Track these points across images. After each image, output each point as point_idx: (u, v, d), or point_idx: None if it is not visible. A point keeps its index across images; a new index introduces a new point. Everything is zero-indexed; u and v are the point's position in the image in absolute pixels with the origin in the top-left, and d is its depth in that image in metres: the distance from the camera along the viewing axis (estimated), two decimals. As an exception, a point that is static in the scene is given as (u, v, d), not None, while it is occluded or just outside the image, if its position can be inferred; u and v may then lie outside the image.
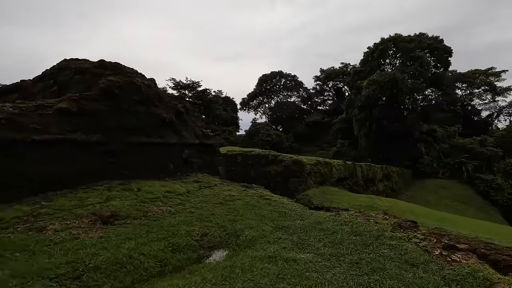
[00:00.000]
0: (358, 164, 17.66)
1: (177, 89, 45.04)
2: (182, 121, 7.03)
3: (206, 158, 7.46)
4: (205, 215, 4.49)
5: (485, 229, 9.84)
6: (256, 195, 5.89)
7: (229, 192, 5.94)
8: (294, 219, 4.36)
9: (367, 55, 38.17)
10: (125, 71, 6.51)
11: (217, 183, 6.51)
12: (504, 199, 28.02)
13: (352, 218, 4.05)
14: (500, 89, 46.83)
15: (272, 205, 5.13)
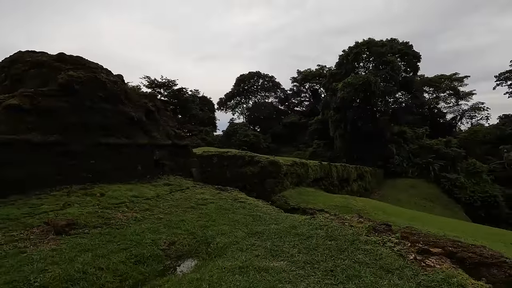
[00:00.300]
0: (334, 165, 17.96)
1: (152, 88, 43.62)
2: (152, 121, 6.63)
3: (179, 159, 7.10)
4: (175, 221, 4.19)
5: (452, 226, 10.31)
6: (230, 198, 5.66)
7: (202, 195, 5.66)
8: (269, 223, 4.20)
9: (342, 58, 39.18)
10: (88, 65, 6.00)
11: (189, 186, 6.20)
12: (466, 197, 29.90)
13: (327, 222, 3.96)
14: (463, 94, 50.15)
15: (247, 209, 4.93)
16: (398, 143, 36.72)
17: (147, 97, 6.80)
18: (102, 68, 6.34)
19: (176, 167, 6.90)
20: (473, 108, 50.34)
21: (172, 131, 7.04)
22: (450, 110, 52.32)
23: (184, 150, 7.27)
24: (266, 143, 46.78)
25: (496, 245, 7.73)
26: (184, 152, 7.30)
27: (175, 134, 7.10)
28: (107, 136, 5.77)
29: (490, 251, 6.18)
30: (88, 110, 5.63)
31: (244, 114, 63.80)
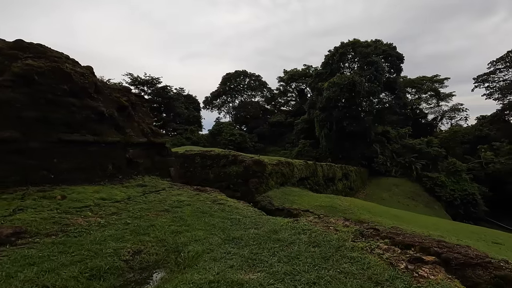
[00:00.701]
0: (319, 164, 17.84)
1: (135, 85, 42.41)
2: (126, 117, 6.12)
3: (156, 158, 6.62)
4: (144, 226, 3.76)
5: (435, 225, 10.31)
6: (209, 199, 5.27)
7: (178, 197, 5.24)
8: (248, 227, 3.85)
9: (327, 58, 39.39)
10: (51, 54, 5.42)
11: (166, 187, 5.76)
12: (447, 195, 30.73)
13: (310, 226, 3.65)
14: (443, 95, 51.73)
15: (226, 211, 4.56)
16: (382, 142, 37.34)
17: (120, 91, 6.27)
18: (67, 58, 5.76)
19: (153, 167, 6.42)
20: (453, 109, 52.06)
21: (148, 128, 6.55)
22: (431, 111, 53.96)
23: (161, 148, 6.79)
24: (252, 143, 46.46)
25: (479, 244, 7.72)
26: (162, 150, 6.81)
27: (151, 131, 6.62)
28: (71, 133, 5.22)
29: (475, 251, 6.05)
30: (50, 104, 5.06)
31: (231, 113, 63.24)
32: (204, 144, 42.56)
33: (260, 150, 46.04)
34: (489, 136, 43.46)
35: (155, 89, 42.93)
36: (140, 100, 6.70)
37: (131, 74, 40.58)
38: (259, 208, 10.23)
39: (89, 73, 5.78)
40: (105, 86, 5.89)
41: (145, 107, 6.77)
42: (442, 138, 39.07)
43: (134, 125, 6.28)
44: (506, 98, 43.16)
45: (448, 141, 38.49)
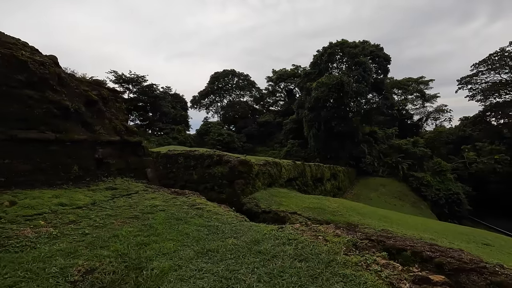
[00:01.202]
0: (308, 164, 17.54)
1: (119, 83, 41.17)
2: (95, 113, 5.51)
3: (130, 158, 6.03)
4: (104, 237, 3.23)
5: (424, 226, 10.11)
6: (186, 204, 4.76)
7: (152, 201, 4.70)
8: (227, 236, 3.38)
9: (316, 58, 39.35)
10: (4, 40, 4.76)
11: (140, 190, 5.20)
12: (432, 195, 31.15)
13: (297, 234, 3.21)
14: (429, 96, 52.77)
15: (204, 218, 4.07)
16: (369, 142, 37.59)
17: (90, 84, 5.65)
18: (25, 45, 5.09)
19: (127, 168, 5.83)
20: (438, 110, 53.16)
21: (121, 126, 5.94)
22: (416, 112, 54.96)
23: (136, 148, 6.20)
24: (240, 143, 45.94)
25: (470, 246, 7.51)
26: (137, 149, 6.22)
27: (125, 129, 6.01)
28: (28, 129, 4.59)
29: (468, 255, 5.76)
30: (2, 97, 4.42)
31: (219, 112, 62.50)
32: (191, 144, 41.73)
33: (248, 150, 45.58)
34: (471, 136, 44.60)
35: (140, 87, 41.77)
36: (114, 95, 6.10)
37: (115, 71, 39.31)
38: (245, 211, 9.76)
39: (52, 63, 5.12)
40: (72, 78, 5.27)
41: (119, 103, 6.17)
42: (427, 138, 39.71)
43: (105, 122, 5.67)
44: (488, 100, 44.36)
45: (433, 141, 39.17)
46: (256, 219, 9.46)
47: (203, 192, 10.57)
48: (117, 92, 6.26)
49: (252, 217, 9.59)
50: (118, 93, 6.29)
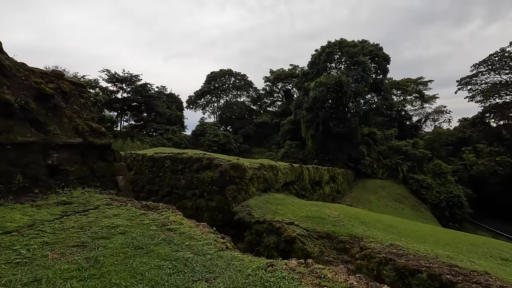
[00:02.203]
0: (306, 167, 16.63)
1: (113, 82, 40.10)
2: (50, 110, 4.53)
3: (96, 164, 5.06)
4: (18, 284, 2.28)
5: (433, 237, 9.22)
6: (156, 223, 3.82)
7: (113, 219, 3.75)
8: (196, 278, 2.46)
9: (314, 57, 38.56)
10: None
11: (102, 204, 4.26)
12: (433, 197, 30.42)
13: (292, 282, 2.28)
14: (427, 97, 52.14)
15: (173, 244, 3.14)
16: (368, 144, 36.83)
17: (46, 75, 4.66)
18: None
19: (90, 176, 4.86)
20: (437, 111, 52.54)
21: (86, 125, 4.96)
22: (415, 113, 54.32)
23: (104, 152, 5.23)
24: (237, 144, 44.98)
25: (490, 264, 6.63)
26: (105, 154, 5.25)
27: (90, 130, 5.03)
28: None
29: (497, 281, 4.84)
30: None
31: (215, 113, 61.54)
32: (186, 145, 40.72)
33: (245, 152, 44.66)
34: (471, 138, 44.02)
35: (134, 87, 40.70)
36: (78, 89, 5.13)
37: (108, 70, 38.22)
38: (237, 221, 8.83)
39: (-6, 48, 4.21)
40: (19, 67, 4.32)
41: (84, 99, 5.20)
42: (427, 139, 39.00)
43: (64, 121, 4.70)
44: (487, 101, 43.77)
45: (432, 143, 38.45)
46: (248, 230, 8.53)
47: (190, 199, 9.62)
48: (82, 86, 5.29)
49: (244, 227, 8.66)
50: (84, 87, 5.32)
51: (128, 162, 11.54)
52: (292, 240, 7.51)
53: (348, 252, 7.25)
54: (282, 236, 7.81)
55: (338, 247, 7.47)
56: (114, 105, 38.76)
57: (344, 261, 7.05)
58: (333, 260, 7.10)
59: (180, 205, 9.78)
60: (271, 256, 7.79)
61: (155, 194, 10.51)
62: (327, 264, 7.06)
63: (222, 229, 9.17)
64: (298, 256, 7.39)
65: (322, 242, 7.67)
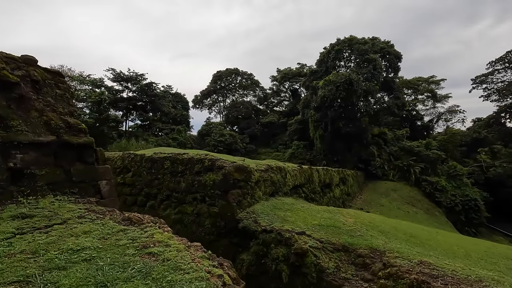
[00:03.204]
0: (315, 169, 15.68)
1: (118, 82, 39.76)
2: (14, 101, 3.75)
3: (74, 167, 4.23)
4: None
5: (463, 249, 8.20)
6: (135, 244, 2.97)
7: (81, 239, 2.93)
8: None
9: (323, 55, 37.47)
10: None
11: (72, 217, 3.45)
12: (448, 201, 29.03)
13: None
14: (440, 96, 50.42)
15: (150, 281, 2.31)
16: (378, 144, 35.55)
17: (12, 60, 3.87)
18: None
19: (66, 181, 4.07)
20: (450, 111, 50.78)
21: (60, 120, 4.16)
22: (426, 113, 52.63)
23: (83, 152, 4.41)
24: (243, 144, 44.15)
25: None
26: (85, 154, 4.43)
27: (66, 126, 4.21)
28: None
29: None
30: None
31: (221, 113, 60.85)
32: (192, 145, 40.11)
33: (251, 152, 43.82)
34: (486, 139, 42.23)
35: (139, 86, 40.28)
36: (54, 78, 4.33)
37: (113, 69, 37.88)
38: (241, 229, 7.96)
39: None
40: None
41: (61, 89, 4.40)
42: (440, 140, 37.49)
43: (32, 115, 3.90)
44: (504, 100, 41.96)
45: (446, 144, 36.93)
46: (254, 239, 7.65)
47: (191, 204, 8.80)
48: (59, 75, 4.51)
49: (249, 236, 7.79)
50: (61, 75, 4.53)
51: (126, 163, 10.81)
52: (304, 253, 6.59)
53: (368, 268, 6.30)
54: (292, 248, 6.91)
55: (357, 262, 6.53)
56: (119, 104, 38.38)
57: (364, 279, 6.10)
58: (352, 277, 6.17)
59: (179, 210, 8.99)
60: (280, 271, 6.91)
61: (153, 197, 9.73)
62: (345, 282, 6.14)
63: (225, 237, 8.32)
64: (311, 272, 6.49)
65: (338, 256, 6.74)
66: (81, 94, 33.46)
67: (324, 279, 6.24)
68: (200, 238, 8.30)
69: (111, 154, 11.91)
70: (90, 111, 33.45)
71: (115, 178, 10.89)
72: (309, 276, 6.41)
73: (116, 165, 11.10)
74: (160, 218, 3.84)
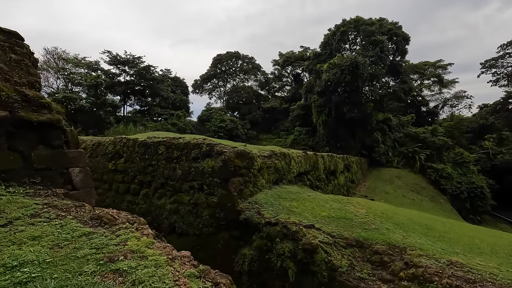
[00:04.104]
0: (320, 155, 14.87)
1: (115, 65, 38.42)
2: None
3: (35, 152, 3.41)
4: None
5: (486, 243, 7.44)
6: (98, 256, 2.17)
7: (26, 249, 2.17)
8: None
9: (327, 37, 35.88)
10: None
11: (25, 214, 2.67)
12: (453, 188, 28.39)
13: None
14: (446, 82, 48.91)
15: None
16: (383, 131, 34.58)
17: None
18: None
19: (24, 168, 3.23)
20: (456, 97, 49.41)
21: (15, 93, 3.27)
22: (432, 98, 51.27)
23: (47, 132, 3.53)
24: (244, 130, 43.22)
25: None
26: (49, 135, 3.55)
27: (24, 100, 3.30)
28: None
29: None
30: None
31: (222, 98, 59.52)
32: (192, 131, 39.20)
33: (252, 138, 42.98)
34: (493, 125, 41.13)
35: (137, 69, 38.94)
36: (9, 39, 3.43)
37: (109, 51, 36.47)
38: (243, 222, 7.22)
39: None
40: None
41: (18, 54, 3.51)
42: (446, 126, 36.44)
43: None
44: (513, 85, 40.55)
45: (452, 130, 35.90)
46: (257, 232, 6.91)
47: (188, 193, 8.02)
48: (16, 37, 3.59)
49: (252, 229, 7.05)
50: (20, 38, 3.61)
51: (118, 148, 9.99)
52: (314, 249, 5.83)
53: (387, 267, 5.55)
54: (300, 242, 6.16)
55: (373, 260, 5.77)
56: (116, 88, 37.22)
57: (383, 279, 5.35)
58: (368, 277, 5.42)
59: (175, 199, 8.24)
60: (286, 268, 6.20)
61: (147, 185, 8.97)
62: (360, 282, 5.42)
63: (225, 230, 7.59)
64: (321, 270, 5.77)
65: (352, 252, 5.99)
66: (77, 77, 32.29)
67: (336, 279, 5.51)
68: (198, 230, 7.59)
69: (102, 139, 11.08)
70: (86, 95, 32.39)
71: (107, 165, 10.12)
72: (319, 275, 5.69)
73: (107, 150, 10.30)
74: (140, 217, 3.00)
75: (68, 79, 32.42)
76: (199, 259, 7.63)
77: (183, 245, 7.84)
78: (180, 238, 7.97)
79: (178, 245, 8.00)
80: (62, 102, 27.69)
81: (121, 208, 9.41)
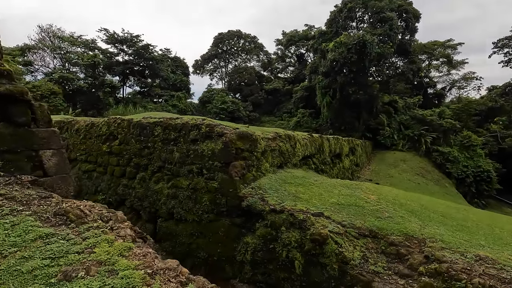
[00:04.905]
0: (326, 138, 14.22)
1: (112, 43, 37.08)
2: None
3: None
4: None
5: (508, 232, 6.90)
6: (49, 271, 1.61)
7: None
8: None
9: (334, 14, 34.14)
10: None
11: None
12: (459, 172, 27.85)
13: None
14: (455, 62, 47.11)
15: None
16: (388, 113, 33.59)
17: None
18: None
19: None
20: (465, 78, 47.74)
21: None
22: (440, 80, 49.62)
23: (10, 108, 2.88)
24: (246, 112, 42.34)
25: None
26: (12, 111, 2.90)
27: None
28: None
29: None
30: None
31: (223, 79, 58.11)
32: (193, 113, 38.43)
33: (254, 120, 42.19)
34: (502, 107, 39.90)
35: (135, 48, 37.61)
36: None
37: (106, 29, 35.04)
38: (245, 209, 6.70)
39: None
40: None
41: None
42: (454, 109, 35.35)
43: None
44: (527, 66, 38.92)
45: (460, 113, 34.86)
46: (261, 220, 6.40)
47: (186, 177, 7.47)
48: None
49: (255, 216, 6.54)
50: None
51: (112, 129, 9.37)
52: (324, 240, 5.32)
53: (404, 260, 5.04)
54: (307, 232, 5.65)
55: (388, 252, 5.27)
56: (114, 68, 36.10)
57: (400, 274, 4.85)
58: (383, 271, 4.92)
59: (173, 184, 7.71)
60: (292, 259, 5.74)
61: (143, 169, 8.43)
62: (375, 276, 4.93)
63: (226, 216, 7.08)
64: (331, 262, 5.29)
65: (365, 243, 5.48)
66: (73, 56, 31.19)
67: (347, 272, 5.03)
68: (197, 216, 7.11)
69: (96, 119, 10.44)
70: (84, 76, 31.41)
71: (101, 147, 9.54)
72: (329, 268, 5.21)
73: (101, 132, 9.69)
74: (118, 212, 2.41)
75: (65, 59, 31.34)
76: (198, 246, 7.12)
77: (182, 232, 7.41)
78: (179, 224, 7.52)
79: (176, 232, 7.57)
80: (60, 83, 26.85)
81: (117, 193, 8.94)
